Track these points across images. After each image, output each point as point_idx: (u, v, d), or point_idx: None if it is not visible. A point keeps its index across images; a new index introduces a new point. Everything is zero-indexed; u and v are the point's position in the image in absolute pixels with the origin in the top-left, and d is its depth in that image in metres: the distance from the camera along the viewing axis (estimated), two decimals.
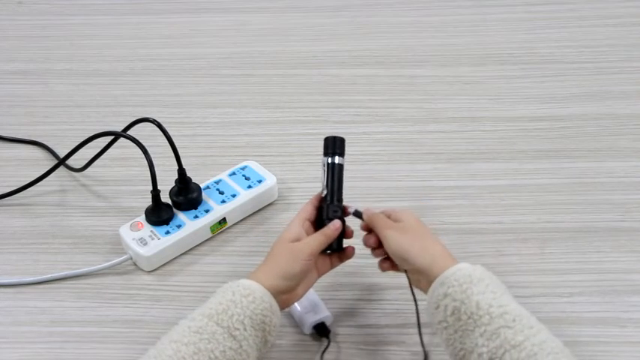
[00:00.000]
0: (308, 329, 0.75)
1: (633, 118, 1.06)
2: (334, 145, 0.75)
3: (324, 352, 0.73)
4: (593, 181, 0.95)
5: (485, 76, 1.16)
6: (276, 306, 0.67)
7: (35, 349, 0.76)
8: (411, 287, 0.71)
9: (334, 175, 0.74)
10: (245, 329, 0.64)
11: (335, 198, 0.74)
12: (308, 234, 0.72)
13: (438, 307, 0.63)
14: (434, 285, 0.64)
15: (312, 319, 0.75)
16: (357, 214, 0.74)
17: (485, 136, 1.03)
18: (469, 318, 0.61)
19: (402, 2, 1.37)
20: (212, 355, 0.62)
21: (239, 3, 1.39)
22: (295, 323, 0.77)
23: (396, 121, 1.07)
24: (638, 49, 1.21)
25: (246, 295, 0.65)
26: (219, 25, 1.33)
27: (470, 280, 0.62)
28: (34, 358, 0.75)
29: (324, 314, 0.75)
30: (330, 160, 0.74)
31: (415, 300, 0.71)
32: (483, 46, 1.24)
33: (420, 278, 0.68)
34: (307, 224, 0.73)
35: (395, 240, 0.69)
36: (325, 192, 0.74)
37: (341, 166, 0.75)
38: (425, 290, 0.67)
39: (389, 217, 0.72)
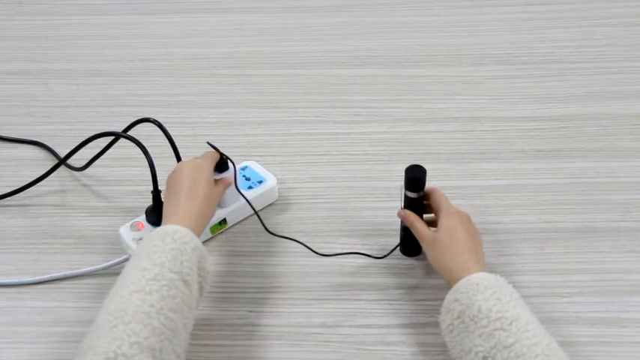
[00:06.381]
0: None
1: (633, 118, 1.06)
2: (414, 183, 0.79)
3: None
4: (593, 181, 0.95)
5: (486, 76, 1.16)
6: (207, 252, 0.71)
7: (35, 349, 0.76)
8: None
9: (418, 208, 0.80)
10: (194, 274, 0.67)
11: None
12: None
13: (448, 311, 0.68)
14: (448, 293, 0.69)
15: None
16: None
17: (486, 136, 1.03)
18: (471, 320, 0.65)
19: (402, 2, 1.37)
20: (173, 302, 0.63)
21: (238, 3, 1.39)
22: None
23: (396, 121, 1.07)
24: (638, 49, 1.21)
25: (186, 241, 0.68)
26: (219, 25, 1.33)
27: (477, 288, 0.67)
28: (34, 358, 0.75)
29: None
30: (415, 196, 0.80)
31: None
32: (483, 46, 1.24)
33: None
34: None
35: (425, 249, 0.77)
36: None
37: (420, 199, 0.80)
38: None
39: (437, 211, 0.77)
